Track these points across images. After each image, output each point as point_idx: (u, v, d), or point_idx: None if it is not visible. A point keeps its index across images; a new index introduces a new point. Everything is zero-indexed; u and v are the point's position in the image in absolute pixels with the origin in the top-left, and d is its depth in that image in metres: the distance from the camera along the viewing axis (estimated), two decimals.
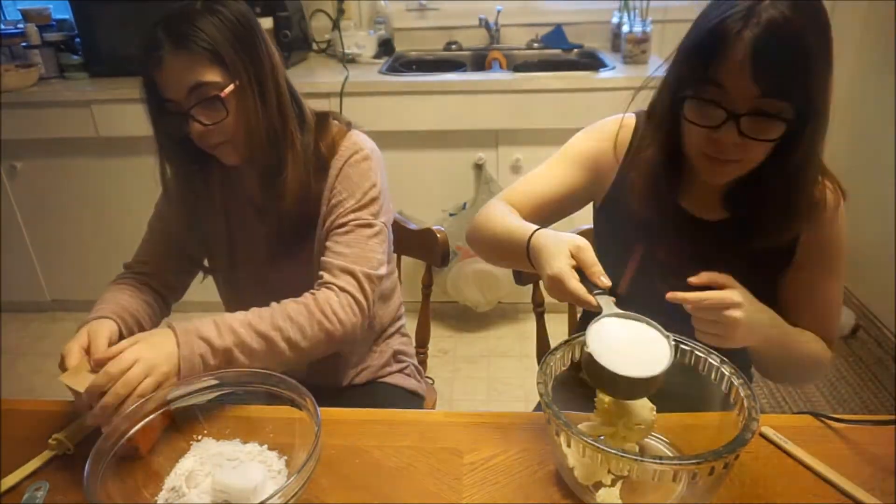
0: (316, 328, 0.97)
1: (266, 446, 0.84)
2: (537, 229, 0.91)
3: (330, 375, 1.21)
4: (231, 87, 0.97)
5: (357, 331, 1.02)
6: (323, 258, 1.05)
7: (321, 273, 1.04)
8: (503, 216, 1.01)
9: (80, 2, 2.36)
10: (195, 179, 1.12)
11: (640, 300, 0.80)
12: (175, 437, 0.85)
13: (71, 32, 2.52)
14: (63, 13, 2.63)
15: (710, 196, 0.99)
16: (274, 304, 0.99)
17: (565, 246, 0.83)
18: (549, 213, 1.07)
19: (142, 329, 1.05)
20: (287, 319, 0.96)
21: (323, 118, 1.12)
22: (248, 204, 1.14)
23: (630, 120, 1.06)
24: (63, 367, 0.87)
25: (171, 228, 1.16)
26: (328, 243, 1.06)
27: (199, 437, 0.85)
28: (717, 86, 0.81)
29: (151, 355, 0.85)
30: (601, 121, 1.09)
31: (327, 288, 1.01)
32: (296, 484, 0.70)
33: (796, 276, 1.00)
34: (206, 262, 1.21)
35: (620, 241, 1.04)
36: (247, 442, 0.85)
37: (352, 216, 1.05)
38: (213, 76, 0.96)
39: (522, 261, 0.91)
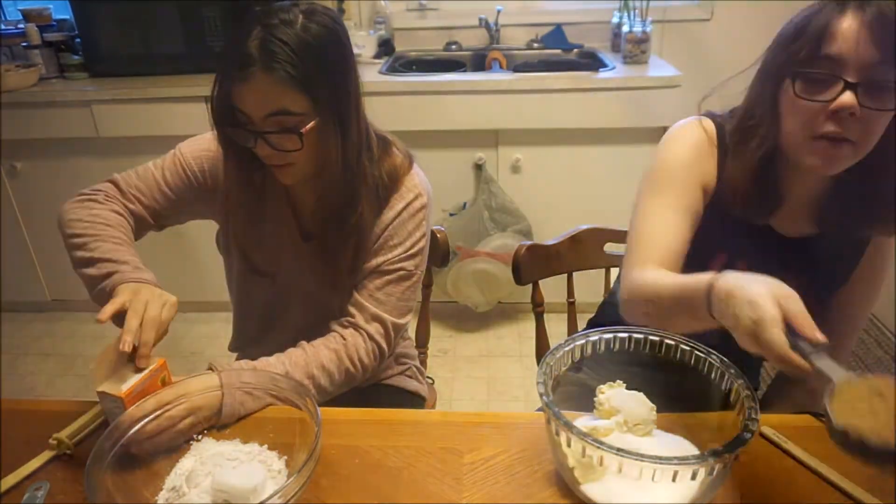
0: (343, 375, 1.03)
1: (266, 446, 0.84)
2: (715, 275, 0.79)
3: None
4: (313, 123, 0.93)
5: (372, 373, 1.08)
6: (359, 297, 1.06)
7: (353, 311, 1.06)
8: (664, 277, 0.89)
9: (81, 2, 2.36)
10: (247, 174, 1.06)
11: None
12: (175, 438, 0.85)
13: (71, 32, 2.52)
14: (63, 13, 2.63)
15: (798, 210, 0.97)
16: (306, 346, 1.02)
17: (768, 290, 0.70)
18: (685, 252, 0.98)
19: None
20: (320, 367, 1.00)
21: (385, 144, 1.09)
22: (293, 219, 1.12)
23: (709, 123, 1.00)
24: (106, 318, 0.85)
25: (194, 185, 1.08)
26: (368, 283, 1.06)
27: (199, 437, 0.85)
28: (831, 58, 0.80)
29: (199, 399, 0.86)
30: (676, 130, 1.01)
31: (356, 331, 1.05)
32: (296, 484, 0.70)
33: (846, 288, 1.01)
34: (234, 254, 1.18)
35: (703, 250, 0.98)
36: (247, 442, 0.85)
37: (398, 265, 1.07)
38: (297, 107, 0.91)
39: (698, 315, 0.79)
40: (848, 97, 0.79)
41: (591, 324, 1.26)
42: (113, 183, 1.10)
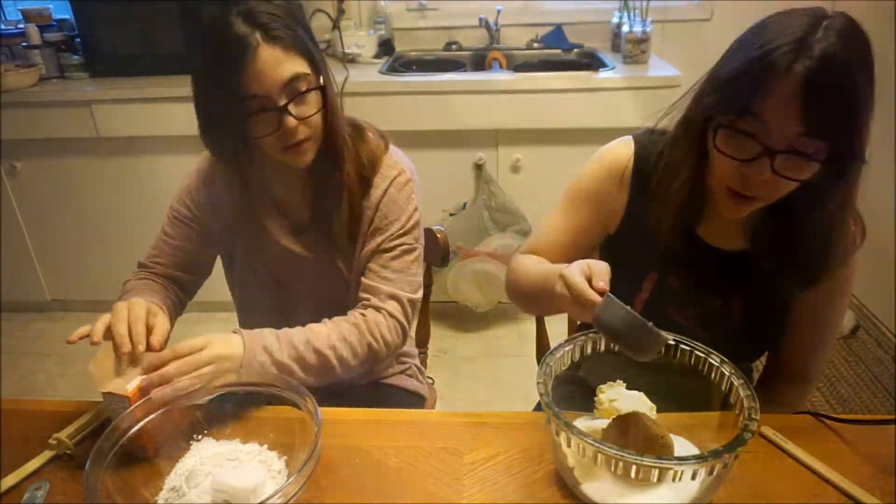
0: (366, 349, 1.02)
1: (266, 446, 0.84)
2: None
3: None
4: (322, 80, 0.96)
5: (397, 350, 1.07)
6: (368, 281, 1.07)
7: (367, 296, 1.06)
8: (535, 264, 1.03)
9: (81, 2, 2.36)
10: (236, 179, 1.09)
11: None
12: (175, 437, 0.85)
13: (71, 32, 2.52)
14: (63, 13, 2.63)
15: (728, 226, 0.97)
16: (328, 321, 1.03)
17: (582, 260, 0.85)
18: (571, 258, 1.03)
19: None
20: (342, 339, 1.00)
21: (359, 129, 1.11)
22: (281, 215, 1.13)
23: (628, 147, 1.03)
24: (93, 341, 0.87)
25: (193, 232, 1.14)
26: (373, 265, 1.07)
27: (199, 437, 0.85)
28: (755, 118, 0.77)
29: (222, 348, 0.90)
30: (601, 151, 1.07)
31: (376, 311, 1.04)
32: (296, 484, 0.70)
33: (806, 304, 0.99)
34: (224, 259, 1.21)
35: (633, 269, 1.01)
36: (247, 442, 0.85)
37: (398, 241, 1.07)
38: (304, 68, 0.94)
39: (557, 299, 0.87)
40: (763, 165, 0.77)
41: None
42: (138, 266, 1.16)
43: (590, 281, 0.80)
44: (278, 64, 0.91)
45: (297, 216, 1.12)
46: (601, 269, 0.82)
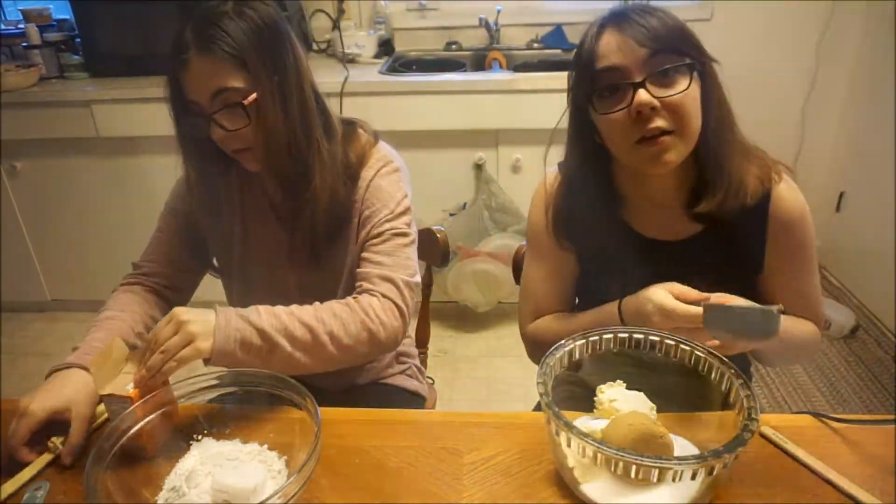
0: (359, 326, 0.97)
1: (266, 446, 0.84)
2: (614, 302, 0.97)
3: (332, 377, 1.21)
4: (253, 95, 0.96)
5: (399, 336, 1.02)
6: (360, 269, 1.05)
7: (359, 283, 1.03)
8: (563, 323, 1.06)
9: (81, 2, 2.36)
10: (215, 180, 1.11)
11: None
12: (175, 437, 0.85)
13: (71, 32, 2.52)
14: (63, 13, 2.63)
15: (663, 215, 1.00)
16: (316, 303, 0.99)
17: (656, 287, 0.89)
18: (569, 297, 1.12)
19: None
20: (331, 314, 0.96)
21: (350, 127, 1.11)
22: (270, 209, 1.13)
23: (551, 175, 1.08)
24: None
25: (184, 226, 1.15)
26: (365, 254, 1.05)
27: (199, 437, 0.85)
28: (609, 71, 0.87)
29: (189, 316, 0.87)
30: (533, 194, 1.12)
31: (369, 294, 1.01)
32: (296, 484, 0.70)
33: (773, 280, 1.01)
34: (216, 264, 1.21)
35: (602, 289, 1.03)
36: (247, 442, 0.85)
37: (387, 225, 1.06)
38: (236, 82, 0.95)
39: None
40: (641, 95, 0.85)
41: None
42: (132, 267, 1.17)
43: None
44: (208, 75, 0.94)
45: (286, 213, 1.12)
46: (680, 288, 0.87)
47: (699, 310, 0.83)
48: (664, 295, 0.87)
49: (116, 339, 0.89)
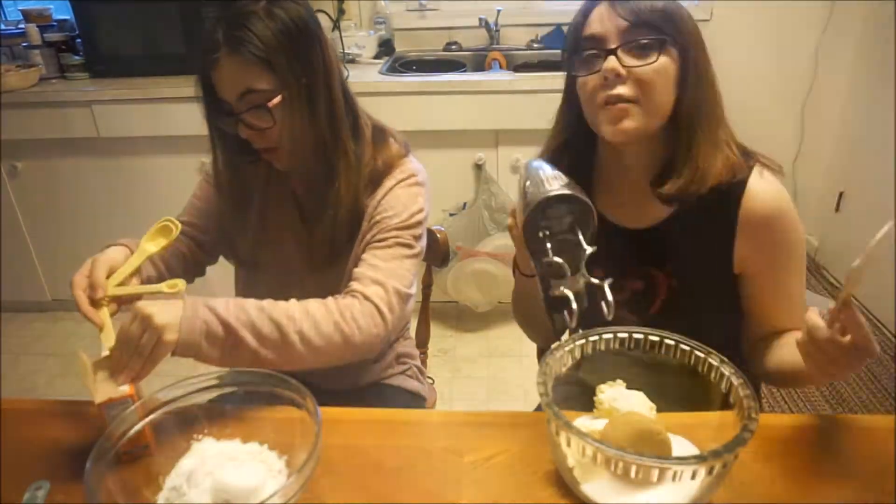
0: (332, 327, 0.93)
1: (266, 446, 0.84)
2: None
3: (332, 378, 1.21)
4: (279, 97, 0.97)
5: (377, 343, 0.98)
6: (356, 269, 1.03)
7: (351, 283, 1.01)
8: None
9: (81, 2, 2.36)
10: (243, 173, 1.12)
11: (592, 322, 0.82)
12: (175, 437, 0.85)
13: (72, 33, 2.52)
14: (64, 13, 2.63)
15: (633, 200, 1.01)
16: (294, 300, 0.96)
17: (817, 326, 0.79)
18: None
19: (168, 272, 1.12)
20: (303, 313, 0.93)
21: (381, 133, 1.12)
22: (294, 207, 1.14)
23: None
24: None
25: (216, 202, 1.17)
26: (364, 255, 1.04)
27: (199, 437, 0.85)
28: (590, 39, 0.93)
29: (154, 309, 0.84)
30: None
31: (352, 296, 0.98)
32: (296, 484, 0.70)
33: (754, 281, 1.01)
34: (235, 254, 1.22)
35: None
36: (247, 442, 0.85)
37: (394, 233, 1.04)
38: (263, 84, 0.96)
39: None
40: (610, 62, 0.90)
41: None
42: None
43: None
44: (236, 76, 0.96)
45: (310, 212, 1.13)
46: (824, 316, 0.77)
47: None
48: (826, 331, 0.74)
49: (80, 355, 0.86)
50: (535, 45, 2.65)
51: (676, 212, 1.00)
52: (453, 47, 2.70)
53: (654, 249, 1.02)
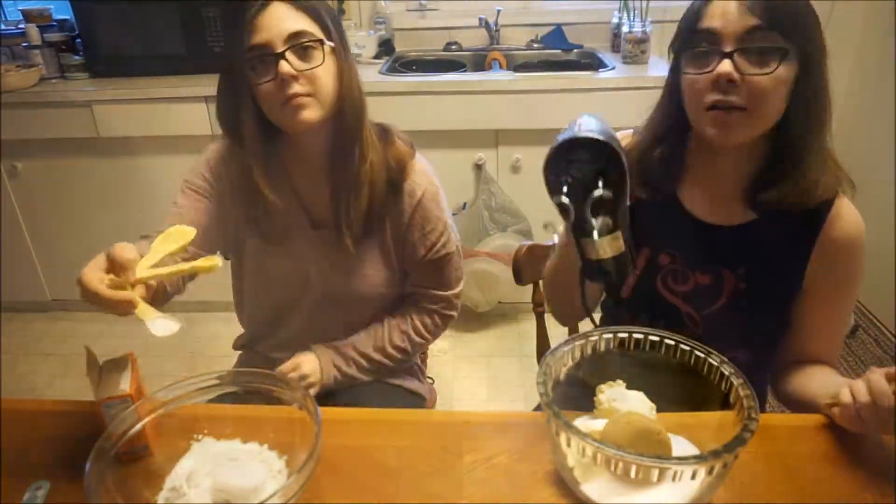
0: (412, 349, 1.23)
1: (266, 446, 0.84)
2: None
3: None
4: (332, 43, 1.02)
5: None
6: (417, 287, 1.22)
7: (417, 298, 1.23)
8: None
9: (81, 2, 2.36)
10: (264, 147, 1.08)
11: (643, 304, 0.80)
12: (175, 437, 0.85)
13: (72, 33, 2.52)
14: (64, 13, 2.63)
15: (718, 198, 0.98)
16: (379, 328, 1.21)
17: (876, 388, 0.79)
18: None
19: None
20: (394, 348, 1.21)
21: (386, 132, 1.15)
22: (301, 206, 1.15)
23: (627, 135, 1.07)
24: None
25: (208, 199, 1.12)
26: (421, 276, 1.20)
27: (199, 437, 0.85)
28: (707, 33, 0.86)
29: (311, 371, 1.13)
30: None
31: (428, 314, 1.24)
32: (296, 484, 0.70)
33: (807, 299, 0.99)
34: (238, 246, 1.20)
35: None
36: (247, 442, 0.85)
37: (443, 252, 1.18)
38: (312, 29, 1.01)
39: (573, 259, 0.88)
40: (725, 65, 0.84)
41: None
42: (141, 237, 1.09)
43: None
44: (285, 18, 0.99)
45: (318, 210, 1.13)
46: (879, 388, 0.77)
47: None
48: (887, 394, 0.75)
49: (89, 348, 0.87)
50: (535, 45, 2.65)
51: (761, 217, 0.97)
52: (453, 47, 2.70)
53: (729, 249, 0.99)
